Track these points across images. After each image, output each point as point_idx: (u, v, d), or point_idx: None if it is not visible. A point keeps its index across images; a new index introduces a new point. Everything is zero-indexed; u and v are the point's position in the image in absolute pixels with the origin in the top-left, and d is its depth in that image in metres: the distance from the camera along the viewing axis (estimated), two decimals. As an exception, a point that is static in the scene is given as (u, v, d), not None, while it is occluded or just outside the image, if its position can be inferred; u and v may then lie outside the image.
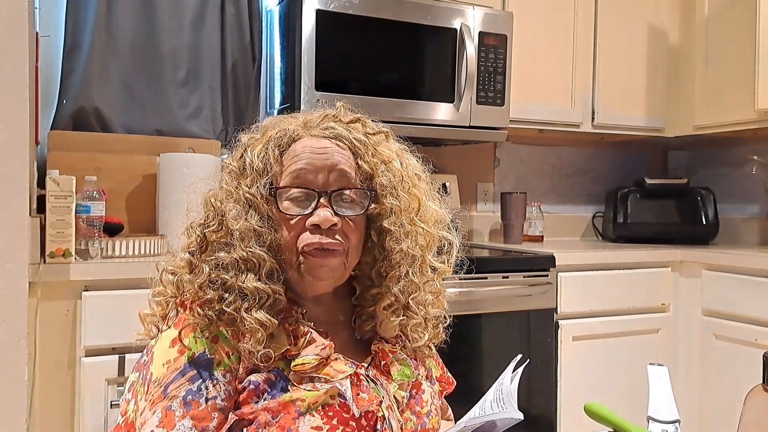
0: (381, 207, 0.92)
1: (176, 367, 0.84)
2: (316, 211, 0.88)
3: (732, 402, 0.72)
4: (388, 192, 0.92)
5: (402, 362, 0.95)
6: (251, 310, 0.84)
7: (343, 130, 0.93)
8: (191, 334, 0.86)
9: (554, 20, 2.64)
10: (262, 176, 0.89)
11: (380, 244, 0.93)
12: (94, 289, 1.66)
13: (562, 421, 2.28)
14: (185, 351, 0.85)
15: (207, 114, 2.30)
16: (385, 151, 0.95)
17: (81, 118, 2.12)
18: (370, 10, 2.16)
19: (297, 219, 0.89)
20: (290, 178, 0.90)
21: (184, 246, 0.91)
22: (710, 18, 2.70)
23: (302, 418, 0.83)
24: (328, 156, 0.90)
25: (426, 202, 0.96)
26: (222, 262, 0.86)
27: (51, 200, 1.64)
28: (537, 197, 2.98)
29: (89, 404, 1.64)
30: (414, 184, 0.96)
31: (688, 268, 2.51)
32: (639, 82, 2.82)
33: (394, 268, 0.92)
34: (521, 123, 2.57)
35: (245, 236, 0.86)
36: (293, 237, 0.89)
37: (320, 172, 0.90)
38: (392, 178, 0.93)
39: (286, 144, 0.92)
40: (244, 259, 0.86)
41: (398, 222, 0.92)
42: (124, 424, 0.87)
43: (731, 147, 3.06)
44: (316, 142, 0.91)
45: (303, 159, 0.90)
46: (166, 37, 2.25)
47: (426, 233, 0.95)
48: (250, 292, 0.85)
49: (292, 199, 0.89)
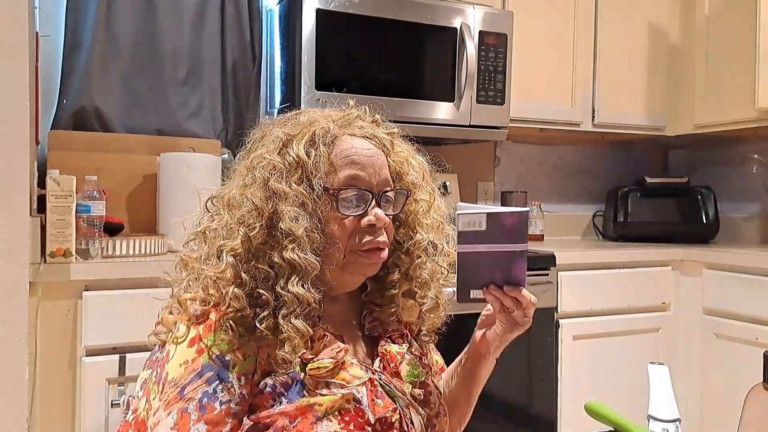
0: (413, 203, 0.97)
1: (194, 368, 0.82)
2: (371, 210, 0.90)
3: (732, 401, 0.72)
4: (419, 188, 0.97)
5: (410, 363, 0.96)
6: (290, 317, 0.83)
7: (373, 130, 0.95)
8: (210, 335, 0.84)
9: (554, 19, 2.64)
10: (313, 175, 0.87)
11: (407, 238, 0.97)
12: (94, 288, 1.66)
13: (563, 420, 2.28)
14: (204, 351, 0.83)
15: (207, 113, 2.30)
16: (403, 148, 0.99)
17: (81, 118, 2.12)
18: (370, 10, 2.16)
19: (351, 218, 0.89)
20: (347, 178, 0.89)
21: (227, 248, 0.85)
22: (710, 17, 2.70)
23: (320, 422, 0.82)
24: (375, 156, 0.92)
25: (437, 197, 1.00)
26: (269, 274, 0.84)
27: (51, 200, 1.64)
28: (537, 196, 2.97)
29: (89, 404, 1.64)
30: (427, 179, 1.00)
31: (688, 267, 2.51)
32: (639, 81, 2.82)
33: (421, 256, 0.96)
34: (521, 122, 2.57)
35: (301, 240, 0.84)
36: (344, 236, 0.89)
37: (371, 172, 0.91)
38: (416, 175, 0.97)
39: (330, 142, 0.90)
40: (294, 264, 0.84)
41: (428, 215, 0.97)
42: (134, 422, 0.86)
43: (732, 146, 3.06)
44: (360, 143, 0.92)
45: (356, 160, 0.90)
46: (166, 36, 2.25)
47: (441, 225, 0.99)
48: (291, 299, 0.83)
49: (347, 200, 0.89)
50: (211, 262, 0.86)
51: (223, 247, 0.85)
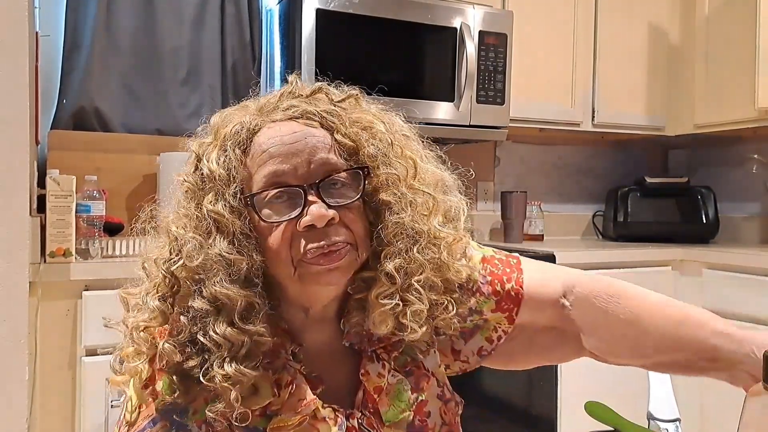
0: (376, 181, 0.76)
1: (148, 413, 0.73)
2: (306, 209, 0.71)
3: (732, 401, 0.72)
4: (380, 161, 0.76)
5: (394, 394, 0.79)
6: (220, 365, 0.69)
7: (307, 105, 0.77)
8: (164, 377, 0.72)
9: (554, 19, 2.64)
10: (227, 186, 0.72)
11: (380, 222, 0.76)
12: (94, 288, 1.66)
13: (563, 420, 2.28)
14: (157, 396, 0.73)
15: (207, 113, 2.30)
16: (362, 117, 0.79)
17: (81, 118, 2.12)
18: (370, 9, 2.16)
19: (283, 225, 0.72)
20: (264, 179, 0.73)
21: (149, 288, 0.74)
22: (710, 17, 2.70)
23: None
24: (301, 141, 0.74)
25: (422, 164, 0.81)
26: (200, 308, 0.70)
27: (51, 200, 1.64)
28: (537, 196, 2.97)
29: (89, 404, 1.64)
30: (405, 146, 0.80)
31: (688, 267, 2.50)
32: (639, 81, 2.82)
33: (391, 243, 0.75)
34: (521, 122, 2.56)
35: (211, 270, 0.70)
36: (283, 247, 0.72)
37: (298, 162, 0.73)
38: (379, 144, 0.77)
39: (246, 139, 0.75)
40: (213, 298, 0.70)
41: (398, 192, 0.76)
42: None
43: (731, 146, 3.06)
44: (282, 129, 0.75)
45: (272, 152, 0.73)
46: (166, 36, 2.25)
47: (429, 198, 0.78)
48: (216, 343, 0.69)
49: (273, 204, 0.73)
50: (144, 310, 0.74)
51: (148, 288, 0.74)
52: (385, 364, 0.79)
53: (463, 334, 0.85)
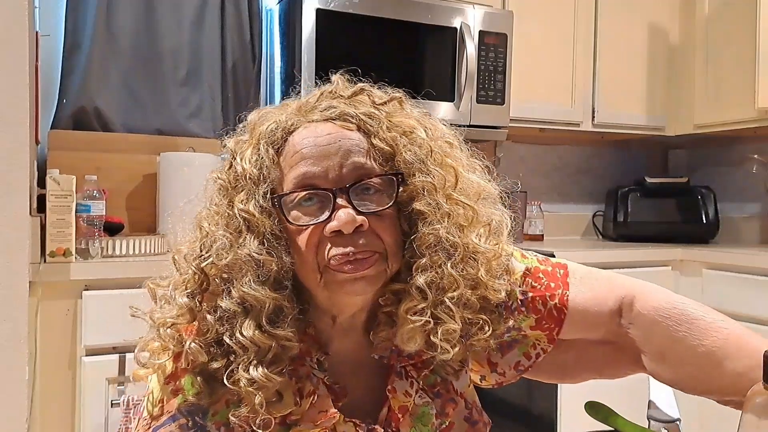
0: (411, 188, 0.73)
1: (168, 409, 0.72)
2: (334, 214, 0.69)
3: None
4: (416, 168, 0.73)
5: (418, 416, 0.76)
6: (246, 368, 0.67)
7: (346, 107, 0.75)
8: (188, 376, 0.71)
9: (554, 19, 2.64)
10: (258, 186, 0.71)
11: (414, 233, 0.73)
12: (94, 288, 1.66)
13: (563, 419, 2.28)
14: (179, 393, 0.72)
15: (207, 113, 2.30)
16: (404, 121, 0.76)
17: (81, 118, 2.12)
18: (370, 9, 2.16)
19: (311, 229, 0.70)
20: (294, 180, 0.71)
21: (178, 283, 0.73)
22: (710, 16, 2.70)
23: None
24: (334, 143, 0.71)
25: (465, 174, 0.77)
26: (228, 309, 0.69)
27: (51, 200, 1.64)
28: (537, 196, 2.97)
29: (89, 404, 1.64)
30: (446, 153, 0.77)
31: (688, 267, 2.50)
32: (639, 81, 2.82)
33: (423, 255, 0.71)
34: (521, 122, 2.56)
35: (240, 271, 0.68)
36: (309, 252, 0.70)
37: (330, 165, 0.70)
38: (418, 150, 0.73)
39: (281, 139, 0.73)
40: (242, 299, 0.68)
41: (433, 202, 0.72)
42: None
43: (732, 146, 3.06)
44: (317, 129, 0.73)
45: (305, 153, 0.71)
46: (166, 36, 2.25)
47: (468, 209, 0.74)
48: (243, 346, 0.68)
49: (302, 206, 0.71)
50: (172, 306, 0.73)
51: (177, 281, 0.73)
52: (414, 382, 0.77)
53: (500, 347, 0.82)
